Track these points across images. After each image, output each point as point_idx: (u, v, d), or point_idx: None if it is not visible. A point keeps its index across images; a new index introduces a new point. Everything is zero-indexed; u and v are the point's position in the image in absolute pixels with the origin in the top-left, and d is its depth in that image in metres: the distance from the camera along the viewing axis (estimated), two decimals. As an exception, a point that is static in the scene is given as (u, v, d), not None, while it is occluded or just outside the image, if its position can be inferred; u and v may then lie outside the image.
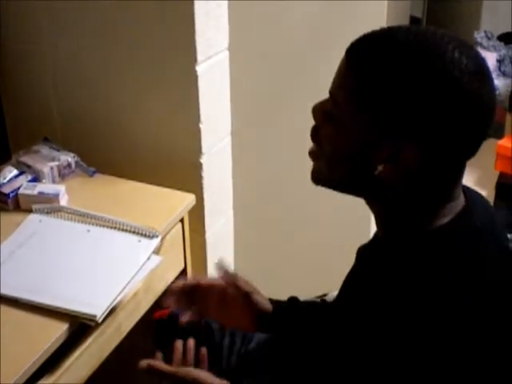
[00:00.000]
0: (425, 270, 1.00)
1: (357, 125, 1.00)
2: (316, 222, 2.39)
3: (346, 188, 1.09)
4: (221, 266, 1.37)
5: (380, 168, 1.00)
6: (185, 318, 1.34)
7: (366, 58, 0.99)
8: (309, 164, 1.12)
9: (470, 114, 0.96)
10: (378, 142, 0.99)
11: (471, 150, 1.00)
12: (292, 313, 1.44)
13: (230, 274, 1.38)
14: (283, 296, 1.54)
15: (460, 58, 0.95)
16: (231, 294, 1.39)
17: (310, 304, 1.49)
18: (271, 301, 1.43)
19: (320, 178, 1.10)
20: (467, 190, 1.09)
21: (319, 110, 1.07)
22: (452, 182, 1.03)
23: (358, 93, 0.99)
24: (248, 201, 2.17)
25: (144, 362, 1.26)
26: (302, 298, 2.40)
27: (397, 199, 1.04)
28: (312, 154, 1.10)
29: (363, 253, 1.20)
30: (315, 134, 1.08)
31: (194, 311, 1.39)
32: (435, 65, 0.95)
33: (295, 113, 2.18)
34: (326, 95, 1.09)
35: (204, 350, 1.40)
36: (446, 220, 1.03)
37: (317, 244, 2.43)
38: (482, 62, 0.99)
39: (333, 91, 1.04)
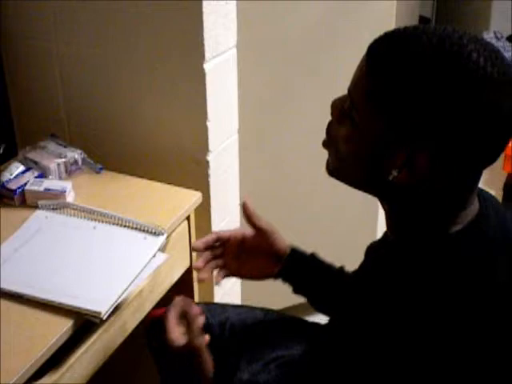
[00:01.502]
0: (435, 275, 0.99)
1: (372, 127, 0.99)
2: (323, 220, 2.39)
3: (359, 187, 1.09)
4: (245, 207, 1.42)
5: (394, 173, 0.99)
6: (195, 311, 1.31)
7: (386, 59, 0.97)
8: (316, 162, 1.12)
9: (488, 124, 0.94)
10: (392, 146, 0.98)
11: (488, 160, 0.99)
12: (304, 269, 1.48)
13: (254, 214, 1.43)
14: (289, 293, 1.53)
15: (485, 66, 0.93)
16: (251, 240, 1.45)
17: (327, 268, 1.52)
18: (292, 249, 1.48)
19: (333, 171, 1.09)
20: (482, 195, 1.07)
21: (337, 107, 1.06)
22: (467, 190, 1.02)
23: (375, 95, 0.98)
24: (254, 199, 2.16)
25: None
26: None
27: (410, 204, 1.04)
28: (325, 144, 1.09)
29: (373, 251, 1.20)
30: (330, 128, 1.07)
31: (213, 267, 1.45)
32: (456, 72, 0.92)
33: (303, 111, 2.18)
34: (334, 94, 1.09)
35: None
36: (458, 227, 1.02)
37: (323, 243, 2.41)
38: (507, 69, 0.95)
39: (351, 90, 1.03)
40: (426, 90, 0.93)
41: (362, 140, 1.01)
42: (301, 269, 1.46)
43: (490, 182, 2.91)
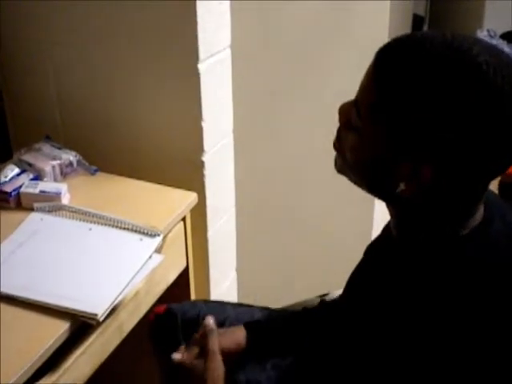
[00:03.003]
0: (441, 277, 0.99)
1: (377, 138, 0.99)
2: (318, 220, 2.39)
3: (366, 190, 1.09)
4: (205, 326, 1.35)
5: (402, 186, 0.98)
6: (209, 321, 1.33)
7: (392, 72, 0.96)
8: (311, 162, 1.12)
9: (495, 136, 0.93)
10: (396, 158, 0.97)
11: (495, 172, 0.98)
12: (269, 333, 1.44)
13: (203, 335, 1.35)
14: (285, 293, 1.53)
15: (494, 78, 0.91)
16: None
17: (288, 316, 1.49)
18: (246, 328, 1.42)
19: (341, 171, 1.09)
20: (487, 198, 1.06)
21: (344, 114, 1.05)
22: (473, 200, 1.02)
23: (380, 106, 0.97)
24: (250, 199, 2.16)
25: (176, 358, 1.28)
26: (303, 297, 2.41)
27: (414, 209, 1.03)
28: (335, 146, 1.09)
29: (374, 251, 1.20)
30: (339, 133, 1.07)
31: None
32: (460, 84, 0.91)
33: (297, 111, 2.18)
34: (328, 94, 1.09)
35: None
36: (464, 232, 1.02)
37: (319, 243, 2.42)
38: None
39: (357, 99, 1.02)
40: (431, 102, 0.92)
41: (367, 151, 1.01)
42: (268, 332, 1.45)
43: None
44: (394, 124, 0.96)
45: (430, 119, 0.93)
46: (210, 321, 1.32)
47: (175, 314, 1.52)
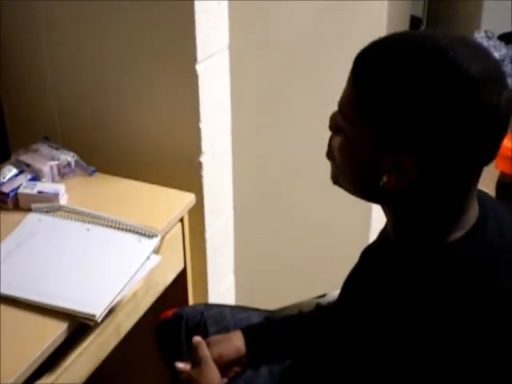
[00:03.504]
0: (438, 282, 0.99)
1: (359, 135, 1.01)
2: (316, 222, 2.39)
3: (359, 195, 1.10)
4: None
5: (384, 179, 1.00)
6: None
7: (366, 70, 1.00)
8: (309, 163, 1.13)
9: (473, 121, 0.94)
10: (378, 153, 0.99)
11: (481, 161, 0.99)
12: (267, 337, 1.45)
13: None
14: (283, 295, 1.53)
15: (465, 64, 0.93)
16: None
17: (285, 320, 1.50)
18: (244, 334, 1.44)
19: (336, 181, 1.12)
20: (480, 198, 1.07)
21: (333, 120, 1.08)
22: (464, 193, 1.02)
23: (359, 105, 1.00)
24: (248, 200, 2.16)
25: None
26: (301, 298, 2.41)
27: (408, 208, 1.04)
28: (327, 155, 1.11)
29: (370, 254, 1.20)
30: (330, 140, 1.09)
31: None
32: (433, 73, 0.94)
33: (295, 112, 2.18)
34: (326, 95, 1.09)
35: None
36: (460, 233, 1.02)
37: (317, 244, 2.42)
38: (490, 66, 0.96)
39: (340, 102, 1.05)
40: (402, 96, 0.95)
41: (352, 149, 1.03)
42: (264, 339, 1.46)
43: (483, 180, 2.92)
44: (373, 117, 0.98)
45: (406, 113, 0.95)
46: (197, 337, 1.37)
47: (182, 319, 1.53)
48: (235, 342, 1.41)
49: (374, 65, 0.99)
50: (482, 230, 1.03)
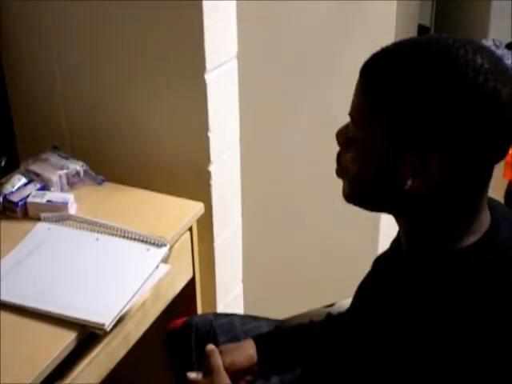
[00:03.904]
0: (451, 291, 0.99)
1: (378, 142, 1.00)
2: (325, 230, 2.39)
3: (376, 206, 1.09)
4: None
5: (409, 182, 0.99)
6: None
7: (378, 75, 0.99)
8: (318, 171, 1.13)
9: (488, 113, 0.94)
10: (400, 156, 0.98)
11: (497, 153, 0.99)
12: (277, 345, 1.45)
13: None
14: (292, 304, 1.53)
15: (474, 58, 0.94)
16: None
17: (295, 329, 1.49)
18: (256, 342, 1.44)
19: (350, 197, 1.10)
20: (491, 204, 1.07)
21: (342, 135, 1.07)
22: (477, 192, 1.02)
23: (375, 110, 0.99)
24: (256, 209, 2.16)
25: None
26: (310, 307, 2.41)
27: (425, 213, 1.03)
28: (338, 173, 1.10)
29: (383, 263, 1.19)
30: (339, 159, 1.08)
31: None
32: (446, 70, 0.94)
33: (304, 121, 2.18)
34: (336, 103, 1.09)
35: None
36: (473, 239, 1.02)
37: (325, 253, 2.42)
38: (498, 61, 0.96)
39: (352, 112, 1.04)
40: (419, 94, 0.95)
41: (369, 156, 1.02)
42: (275, 347, 1.45)
43: (491, 189, 2.91)
44: (389, 121, 0.98)
45: (422, 109, 0.95)
46: (211, 345, 1.36)
47: (191, 329, 1.53)
48: (248, 350, 1.41)
49: (384, 66, 0.99)
50: (495, 235, 1.02)
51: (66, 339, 1.34)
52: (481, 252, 1.00)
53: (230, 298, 2.10)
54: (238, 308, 2.17)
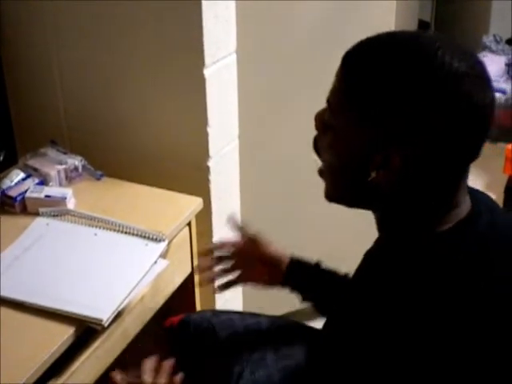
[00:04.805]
0: (425, 273, 0.99)
1: (348, 131, 1.01)
2: (324, 225, 2.38)
3: (351, 200, 1.10)
4: (233, 222, 1.54)
5: (373, 175, 1.00)
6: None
7: (355, 66, 1.01)
8: (316, 167, 1.13)
9: (458, 116, 0.94)
10: (366, 149, 1.00)
11: (468, 154, 0.99)
12: (309, 277, 1.54)
13: (242, 228, 1.54)
14: (290, 300, 1.53)
15: (450, 61, 0.94)
16: (243, 249, 1.54)
17: (332, 275, 1.55)
18: (292, 258, 1.56)
19: (329, 194, 1.12)
20: (475, 196, 1.07)
21: (319, 119, 1.09)
22: (452, 188, 1.02)
23: (349, 97, 1.01)
24: (255, 204, 2.16)
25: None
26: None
27: (395, 205, 1.04)
28: (319, 172, 1.12)
29: (369, 256, 1.20)
30: (316, 144, 1.09)
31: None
32: (419, 69, 0.95)
33: (303, 116, 2.18)
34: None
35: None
36: (447, 226, 1.02)
37: (324, 249, 2.41)
38: (475, 64, 0.97)
39: (329, 98, 1.06)
40: (390, 89, 0.96)
41: (342, 146, 1.03)
42: (305, 276, 1.48)
43: (491, 185, 2.90)
44: (359, 112, 0.99)
45: (391, 106, 0.96)
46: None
47: (188, 326, 1.53)
48: (283, 256, 1.54)
49: (362, 59, 1.01)
50: (472, 223, 1.03)
51: (64, 334, 1.34)
52: (454, 237, 1.01)
53: (228, 294, 2.10)
54: (236, 304, 2.17)
